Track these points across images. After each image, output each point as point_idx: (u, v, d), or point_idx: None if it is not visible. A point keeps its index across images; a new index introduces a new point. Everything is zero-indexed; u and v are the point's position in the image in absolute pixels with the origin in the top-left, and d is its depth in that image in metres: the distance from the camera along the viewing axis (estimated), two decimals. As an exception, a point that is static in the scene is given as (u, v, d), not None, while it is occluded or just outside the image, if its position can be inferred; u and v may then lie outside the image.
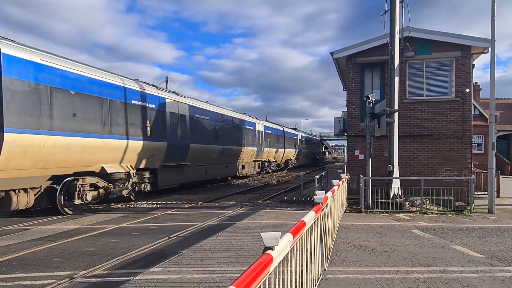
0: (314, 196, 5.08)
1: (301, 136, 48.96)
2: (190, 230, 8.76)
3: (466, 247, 7.15)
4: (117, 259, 6.27)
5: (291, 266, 3.34)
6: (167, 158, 15.73)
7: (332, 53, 14.43)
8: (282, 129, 39.00)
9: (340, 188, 8.63)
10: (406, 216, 10.81)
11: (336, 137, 43.94)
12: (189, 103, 18.37)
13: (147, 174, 14.97)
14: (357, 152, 14.22)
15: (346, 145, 18.26)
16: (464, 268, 5.74)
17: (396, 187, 11.74)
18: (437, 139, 13.41)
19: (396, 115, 11.80)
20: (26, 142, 9.51)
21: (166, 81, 36.69)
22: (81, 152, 11.28)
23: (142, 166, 14.44)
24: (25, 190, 10.04)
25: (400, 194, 11.80)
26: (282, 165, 39.03)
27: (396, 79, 11.87)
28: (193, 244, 7.07)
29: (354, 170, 13.74)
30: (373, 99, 11.79)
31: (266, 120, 37.67)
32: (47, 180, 10.75)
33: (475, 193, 13.20)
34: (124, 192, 13.57)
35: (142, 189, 14.73)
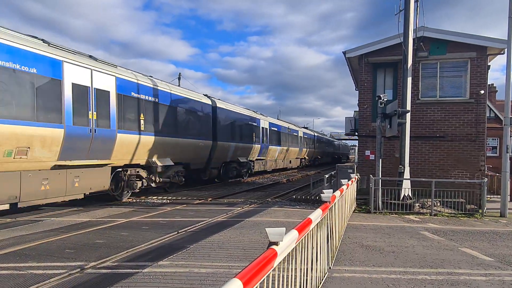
0: (321, 194, 5.10)
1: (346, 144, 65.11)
2: (198, 225, 8.87)
3: (476, 250, 7.07)
4: (127, 252, 6.39)
5: (296, 263, 3.38)
6: None
7: (344, 52, 14.37)
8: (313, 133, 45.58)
9: (349, 188, 8.62)
10: (416, 217, 10.73)
11: (347, 137, 44.20)
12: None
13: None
14: (367, 153, 14.16)
15: (357, 145, 18.12)
16: (472, 271, 5.69)
17: (406, 188, 11.65)
18: (449, 141, 13.25)
19: (408, 115, 11.70)
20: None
21: (179, 78, 36.92)
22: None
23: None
24: None
25: (410, 195, 11.71)
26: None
27: (409, 80, 11.76)
28: (201, 239, 7.16)
29: (364, 170, 13.68)
30: (384, 99, 11.72)
31: (290, 123, 39.58)
32: None
33: (488, 196, 13.01)
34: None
35: None
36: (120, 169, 12.71)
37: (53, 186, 9.94)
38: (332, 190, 5.70)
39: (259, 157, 26.16)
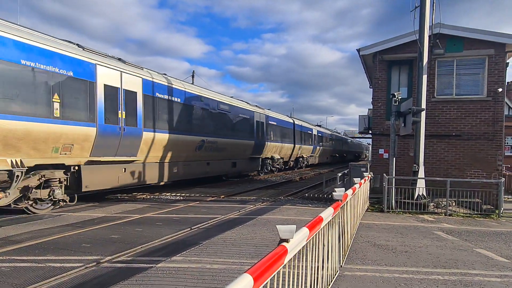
0: (333, 193, 5.11)
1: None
2: (211, 222, 8.96)
3: (491, 251, 6.96)
4: (141, 247, 6.52)
5: (306, 260, 3.41)
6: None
7: (358, 50, 14.24)
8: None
9: (362, 186, 8.58)
10: (430, 217, 10.60)
11: (360, 135, 44.89)
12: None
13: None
14: (381, 151, 14.02)
15: (370, 143, 18.05)
16: (487, 272, 5.62)
17: (420, 187, 11.52)
18: (466, 140, 13.02)
19: (423, 114, 11.54)
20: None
21: (193, 76, 37.16)
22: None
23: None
24: None
25: (424, 195, 11.57)
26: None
27: (424, 77, 11.60)
28: (213, 236, 7.25)
29: (378, 169, 13.56)
30: (399, 97, 11.59)
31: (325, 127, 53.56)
32: None
33: (505, 196, 12.76)
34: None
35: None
36: (263, 159, 25.22)
37: (249, 167, 23.26)
38: (344, 188, 5.70)
39: (311, 154, 38.35)
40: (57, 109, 9.49)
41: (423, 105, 11.44)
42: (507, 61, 13.25)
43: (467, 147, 13.03)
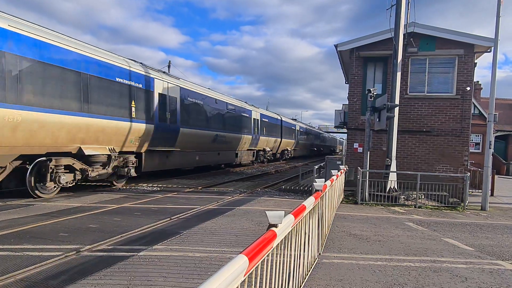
0: (314, 183, 5.29)
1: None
2: (190, 212, 9.00)
3: (458, 240, 7.40)
4: (121, 236, 6.50)
5: (290, 247, 3.56)
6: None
7: (336, 46, 14.51)
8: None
9: (338, 179, 8.86)
10: (401, 209, 11.07)
11: (336, 130, 45.76)
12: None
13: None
14: (356, 145, 14.43)
15: (345, 138, 18.49)
16: (454, 259, 5.99)
17: (392, 180, 11.98)
18: (435, 136, 13.61)
19: (397, 110, 11.96)
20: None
21: (169, 66, 36.54)
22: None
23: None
24: None
25: (396, 188, 12.04)
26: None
27: (398, 74, 12.00)
28: (194, 226, 7.30)
29: (352, 163, 13.96)
30: (374, 93, 11.95)
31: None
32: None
33: (470, 190, 13.45)
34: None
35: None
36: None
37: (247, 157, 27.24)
38: (324, 179, 5.90)
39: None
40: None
41: (397, 102, 11.86)
42: (475, 61, 13.91)
43: (436, 143, 13.64)
